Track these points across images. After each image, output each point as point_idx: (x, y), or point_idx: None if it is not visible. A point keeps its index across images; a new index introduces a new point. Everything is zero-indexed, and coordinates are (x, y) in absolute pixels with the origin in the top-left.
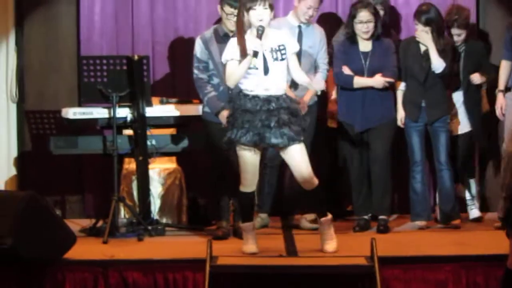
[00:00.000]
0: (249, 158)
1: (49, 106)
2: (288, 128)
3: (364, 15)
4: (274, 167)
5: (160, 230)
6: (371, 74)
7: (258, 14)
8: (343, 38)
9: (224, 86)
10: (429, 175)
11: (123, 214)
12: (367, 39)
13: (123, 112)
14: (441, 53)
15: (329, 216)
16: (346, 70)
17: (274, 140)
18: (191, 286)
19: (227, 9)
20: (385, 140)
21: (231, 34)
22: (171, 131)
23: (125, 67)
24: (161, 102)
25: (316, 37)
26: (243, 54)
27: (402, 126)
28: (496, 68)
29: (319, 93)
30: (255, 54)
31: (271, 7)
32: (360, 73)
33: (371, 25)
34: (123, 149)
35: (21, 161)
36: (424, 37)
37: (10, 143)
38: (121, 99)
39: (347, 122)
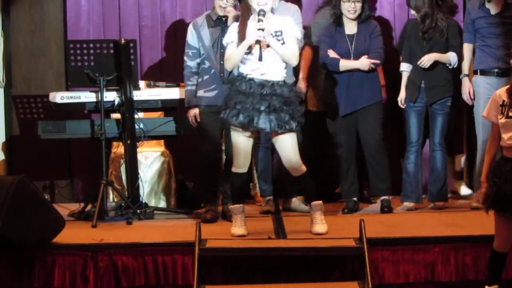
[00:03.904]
0: (241, 141)
1: (36, 91)
2: (277, 115)
3: None
4: (268, 149)
5: (149, 214)
6: (357, 57)
7: (257, 2)
8: (325, 19)
9: (215, 69)
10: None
11: (111, 198)
12: (353, 19)
13: (111, 96)
14: (446, 30)
15: (319, 201)
16: (332, 54)
17: (261, 125)
18: (180, 269)
19: None
20: (375, 123)
21: (224, 18)
22: (159, 114)
23: (112, 51)
24: (149, 86)
25: (289, 12)
26: (242, 39)
27: (402, 106)
28: None
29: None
30: (258, 42)
31: None
32: (346, 56)
33: (358, 5)
34: (111, 133)
35: (9, 146)
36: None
37: None
38: (108, 83)
39: (333, 105)
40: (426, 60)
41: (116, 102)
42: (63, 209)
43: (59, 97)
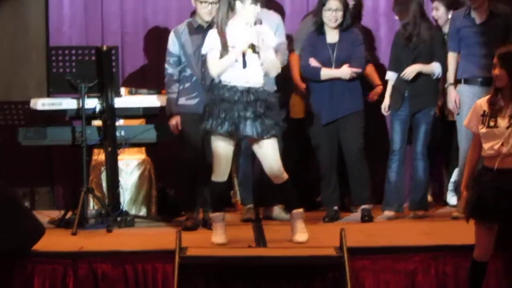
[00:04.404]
0: (223, 149)
1: (17, 97)
2: (261, 121)
3: (333, 3)
4: (249, 156)
5: (129, 221)
6: (338, 65)
7: (255, 10)
8: (311, 29)
9: (196, 77)
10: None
11: (92, 205)
12: (334, 28)
13: (92, 103)
14: (431, 40)
15: (301, 209)
16: (313, 62)
17: (248, 132)
18: (161, 277)
19: None
20: (356, 131)
21: (205, 25)
22: (140, 121)
23: (94, 58)
24: (130, 93)
25: (273, 22)
26: (225, 46)
27: (385, 114)
28: None
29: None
30: (252, 47)
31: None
32: (328, 64)
33: (339, 14)
34: (92, 140)
35: None
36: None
37: None
38: (90, 89)
39: (315, 114)
40: (409, 72)
41: (97, 109)
42: (43, 216)
43: (41, 103)
